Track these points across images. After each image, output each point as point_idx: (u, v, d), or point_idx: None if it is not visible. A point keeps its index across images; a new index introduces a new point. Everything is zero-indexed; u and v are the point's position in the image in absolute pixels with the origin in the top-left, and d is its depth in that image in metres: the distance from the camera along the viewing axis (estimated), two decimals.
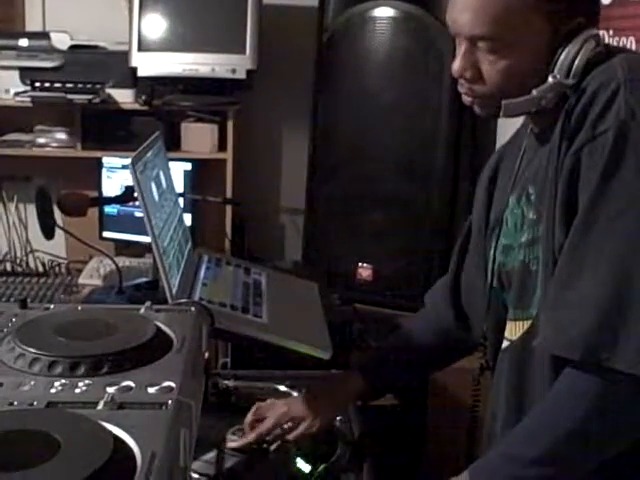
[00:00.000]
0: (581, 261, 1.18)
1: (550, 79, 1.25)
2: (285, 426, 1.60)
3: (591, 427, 1.20)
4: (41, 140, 3.16)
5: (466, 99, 1.35)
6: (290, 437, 1.59)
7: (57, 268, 3.06)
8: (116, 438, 0.84)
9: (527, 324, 1.34)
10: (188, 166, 3.08)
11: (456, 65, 1.30)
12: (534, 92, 1.26)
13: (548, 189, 1.25)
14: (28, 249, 3.18)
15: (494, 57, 1.26)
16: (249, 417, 1.63)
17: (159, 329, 1.16)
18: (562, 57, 1.25)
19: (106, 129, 3.14)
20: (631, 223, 1.15)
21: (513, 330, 1.39)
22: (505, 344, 1.42)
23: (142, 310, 1.25)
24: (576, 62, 1.24)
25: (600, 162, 1.16)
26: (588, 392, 1.19)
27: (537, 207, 1.31)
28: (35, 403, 0.93)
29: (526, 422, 1.28)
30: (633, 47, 1.98)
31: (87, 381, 0.99)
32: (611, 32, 2.10)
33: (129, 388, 0.98)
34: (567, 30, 1.25)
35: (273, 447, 1.60)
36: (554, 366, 1.26)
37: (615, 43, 2.07)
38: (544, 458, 1.22)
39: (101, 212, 3.13)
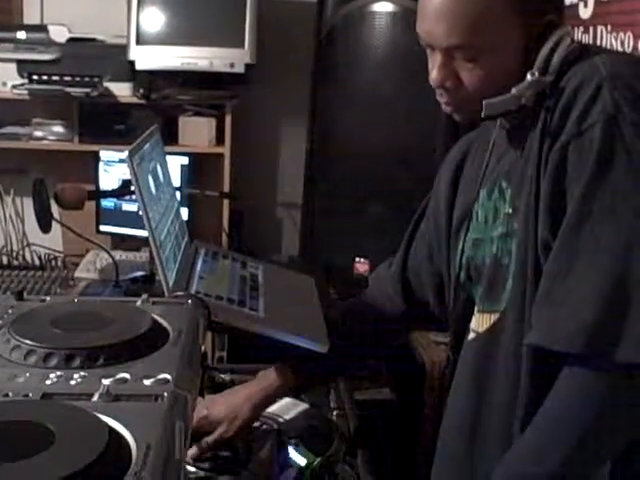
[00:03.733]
0: (575, 254, 1.15)
1: (528, 77, 1.24)
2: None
3: (604, 427, 1.15)
4: (38, 133, 3.16)
5: (447, 108, 1.34)
6: (206, 442, 1.56)
7: (53, 261, 3.05)
8: (111, 430, 0.84)
9: (494, 317, 1.34)
10: (185, 160, 3.08)
11: (434, 76, 1.30)
12: (513, 90, 1.25)
13: (527, 184, 1.24)
14: (24, 242, 3.18)
15: (472, 64, 1.26)
16: None
17: (155, 321, 1.15)
18: (539, 55, 1.25)
19: (104, 122, 3.14)
20: (625, 214, 1.13)
21: (480, 322, 1.38)
22: (471, 336, 1.41)
23: (138, 303, 1.25)
24: (554, 59, 1.24)
25: (590, 157, 1.15)
26: (594, 390, 1.14)
27: (513, 201, 1.30)
28: (30, 395, 0.92)
29: (530, 436, 1.21)
30: (631, 42, 1.98)
31: (82, 373, 0.99)
32: (609, 28, 2.10)
33: (125, 380, 0.97)
34: (540, 29, 1.25)
35: (191, 453, 1.55)
36: (521, 360, 1.24)
37: (613, 39, 2.07)
38: (558, 471, 1.17)
39: (98, 206, 3.12)
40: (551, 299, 1.18)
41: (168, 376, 0.98)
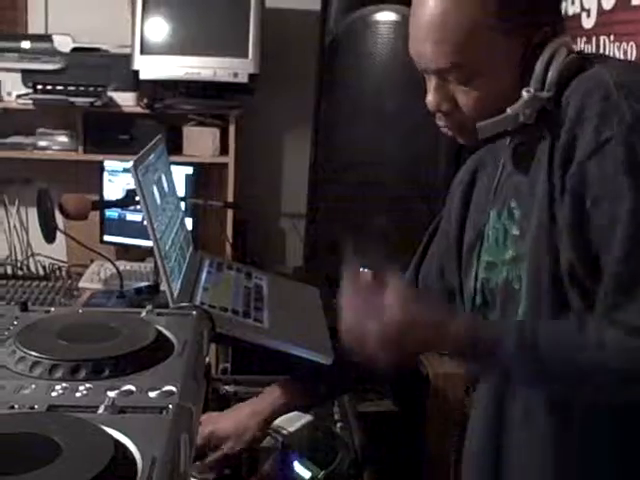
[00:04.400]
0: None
1: (524, 94, 1.20)
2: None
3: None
4: (42, 143, 3.16)
5: (447, 132, 1.31)
6: (210, 459, 1.55)
7: (58, 272, 3.05)
8: (117, 442, 0.84)
9: None
10: (189, 170, 3.08)
11: (430, 100, 1.26)
12: (508, 110, 1.21)
13: (537, 207, 1.20)
14: (29, 252, 3.18)
15: (466, 87, 1.22)
16: None
17: (160, 333, 1.15)
18: (535, 71, 1.20)
19: (108, 132, 3.14)
20: None
21: None
22: None
23: (143, 314, 1.25)
24: (550, 73, 1.20)
25: (620, 171, 1.10)
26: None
27: (520, 223, 1.27)
28: (36, 407, 0.92)
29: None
30: (634, 52, 1.98)
31: (88, 385, 0.99)
32: (612, 37, 2.09)
33: (130, 392, 0.97)
34: (535, 43, 1.21)
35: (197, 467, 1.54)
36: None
37: (616, 48, 2.06)
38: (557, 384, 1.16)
39: (102, 216, 3.12)
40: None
41: (173, 388, 0.98)
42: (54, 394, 0.96)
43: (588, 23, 2.24)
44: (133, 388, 0.98)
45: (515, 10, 1.19)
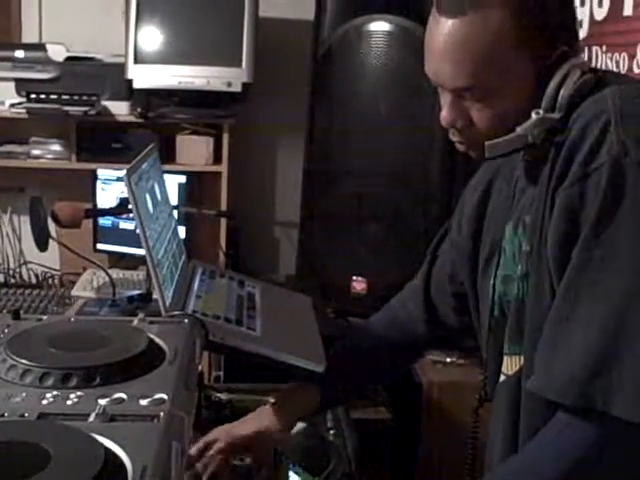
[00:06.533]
0: (574, 302, 1.13)
1: (533, 115, 1.21)
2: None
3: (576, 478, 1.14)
4: (36, 151, 3.16)
5: (460, 147, 1.32)
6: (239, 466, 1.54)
7: (50, 280, 3.05)
8: (107, 450, 0.84)
9: (522, 359, 1.29)
10: (183, 179, 3.08)
11: (444, 116, 1.27)
12: (518, 129, 1.22)
13: (539, 224, 1.22)
14: (21, 261, 3.18)
15: (482, 104, 1.23)
16: (194, 450, 1.52)
17: (152, 341, 1.15)
18: (547, 91, 1.21)
19: (101, 141, 3.14)
20: (626, 264, 1.10)
21: (509, 365, 1.34)
22: (502, 378, 1.37)
23: (135, 322, 1.24)
24: (560, 94, 1.20)
25: (595, 201, 1.11)
26: (577, 441, 1.13)
27: (530, 239, 1.27)
28: (26, 415, 0.92)
29: (507, 467, 1.23)
30: (626, 63, 1.99)
31: (79, 393, 0.99)
32: (604, 48, 2.10)
33: (121, 400, 0.97)
34: (551, 62, 1.21)
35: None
36: (546, 405, 1.19)
37: (608, 59, 2.07)
38: None
39: (95, 224, 3.12)
40: (549, 345, 1.16)
41: (164, 396, 0.98)
42: (45, 402, 0.96)
43: (580, 33, 2.24)
44: (124, 396, 0.98)
45: (533, 31, 1.19)
